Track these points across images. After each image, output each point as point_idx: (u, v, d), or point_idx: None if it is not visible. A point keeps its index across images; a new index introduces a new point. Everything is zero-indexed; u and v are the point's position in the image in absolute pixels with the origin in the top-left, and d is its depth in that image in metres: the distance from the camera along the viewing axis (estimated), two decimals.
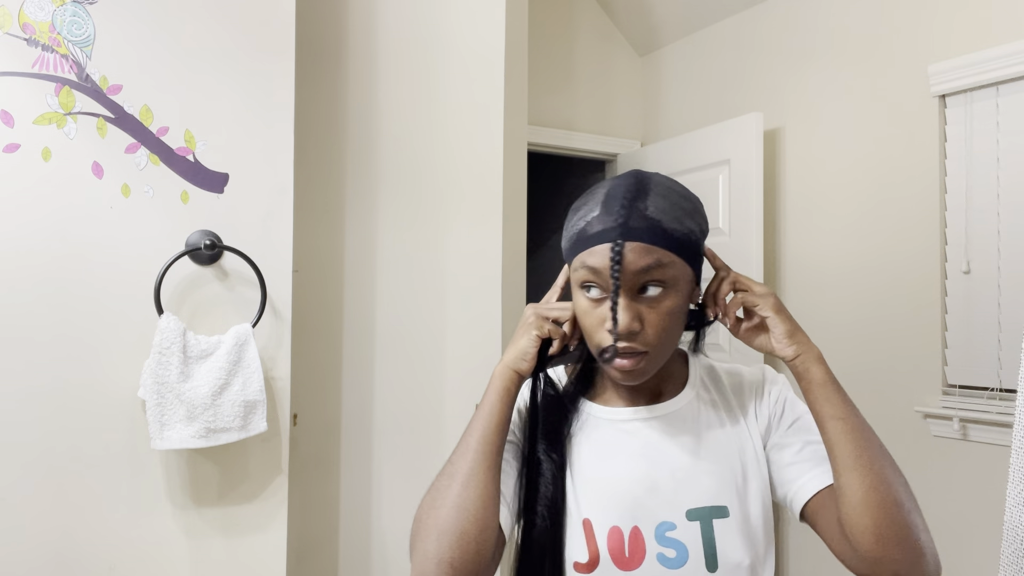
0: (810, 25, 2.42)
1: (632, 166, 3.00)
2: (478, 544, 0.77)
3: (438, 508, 0.79)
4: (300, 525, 1.64)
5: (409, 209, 1.78)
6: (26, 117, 1.24)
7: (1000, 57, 1.88)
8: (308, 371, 1.66)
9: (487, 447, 0.80)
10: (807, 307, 2.41)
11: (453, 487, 0.79)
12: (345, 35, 1.73)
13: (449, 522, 0.77)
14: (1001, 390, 1.91)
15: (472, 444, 0.81)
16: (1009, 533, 0.70)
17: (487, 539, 0.77)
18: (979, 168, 1.97)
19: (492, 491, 0.79)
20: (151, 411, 1.25)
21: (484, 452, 0.80)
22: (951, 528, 1.97)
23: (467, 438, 0.82)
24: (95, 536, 1.28)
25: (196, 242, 1.34)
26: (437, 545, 0.76)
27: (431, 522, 0.78)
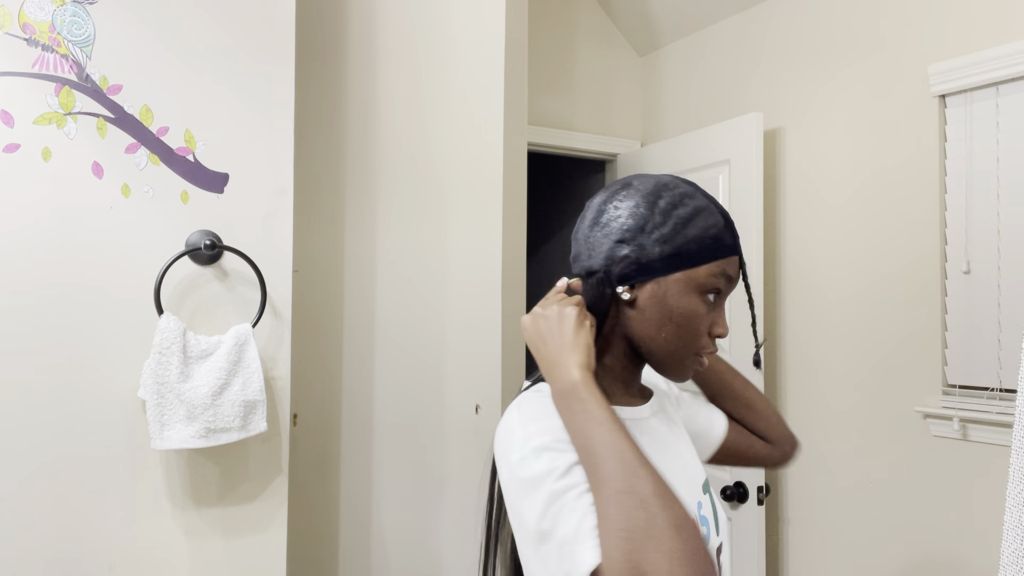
0: (810, 25, 2.42)
1: (632, 166, 3.00)
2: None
3: (659, 539, 0.68)
4: (300, 525, 1.64)
5: (409, 209, 1.78)
6: (26, 117, 1.24)
7: (1000, 57, 1.88)
8: (308, 371, 1.66)
9: (643, 456, 0.74)
10: (807, 307, 2.41)
11: (659, 512, 0.69)
12: (345, 35, 1.73)
13: (681, 546, 0.69)
14: (1001, 390, 1.91)
15: (632, 460, 0.72)
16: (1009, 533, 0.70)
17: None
18: (979, 168, 1.97)
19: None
20: (151, 411, 1.25)
21: (646, 462, 0.74)
22: (951, 528, 1.97)
23: (619, 457, 0.73)
24: (95, 536, 1.28)
25: (196, 242, 1.34)
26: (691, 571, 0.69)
27: (662, 558, 0.67)
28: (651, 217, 0.85)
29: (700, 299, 0.85)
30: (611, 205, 0.88)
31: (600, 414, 0.76)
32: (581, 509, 0.73)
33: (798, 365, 2.42)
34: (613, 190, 0.90)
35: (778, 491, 2.46)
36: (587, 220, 0.90)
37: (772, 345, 2.50)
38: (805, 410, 2.39)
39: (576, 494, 0.74)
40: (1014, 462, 0.70)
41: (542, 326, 0.84)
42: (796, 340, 2.44)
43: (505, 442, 0.81)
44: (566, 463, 0.76)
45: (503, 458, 0.80)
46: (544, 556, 0.74)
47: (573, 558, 0.70)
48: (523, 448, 0.78)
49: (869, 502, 2.18)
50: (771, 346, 2.50)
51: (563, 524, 0.72)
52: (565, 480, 0.74)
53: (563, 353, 0.81)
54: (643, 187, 0.88)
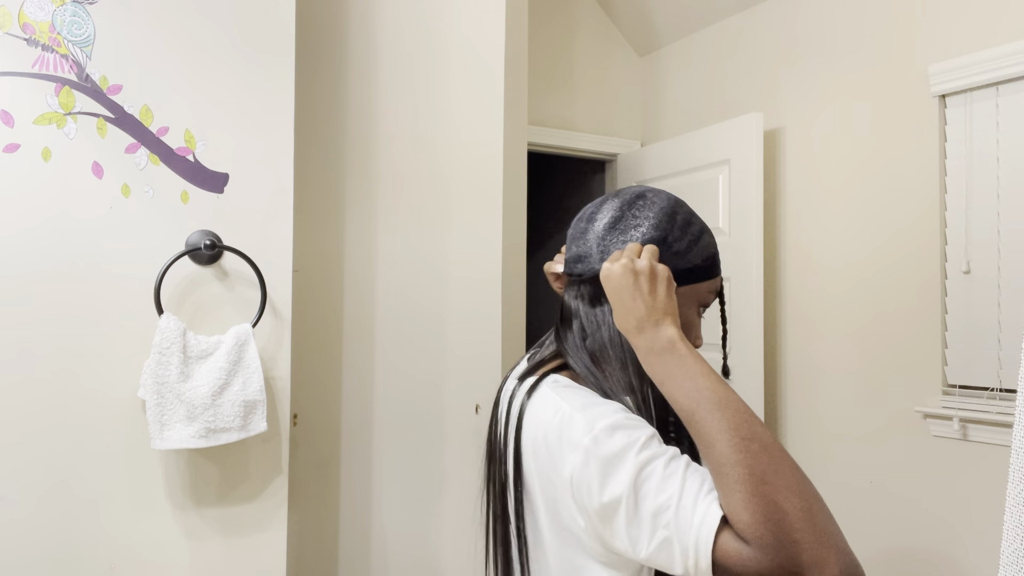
0: (810, 25, 2.42)
1: (632, 166, 3.00)
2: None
3: (790, 480, 0.71)
4: (300, 525, 1.64)
5: (409, 209, 1.78)
6: (26, 117, 1.24)
7: (1000, 57, 1.88)
8: (308, 371, 1.66)
9: (750, 408, 0.77)
10: (807, 307, 2.40)
11: (782, 457, 0.72)
12: (345, 35, 1.73)
13: (809, 487, 0.72)
14: (1001, 390, 1.91)
15: (746, 410, 0.75)
16: (1009, 533, 0.70)
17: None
18: (979, 168, 1.97)
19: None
20: (151, 411, 1.25)
21: (755, 413, 0.76)
22: (951, 528, 1.97)
23: (735, 407, 0.75)
24: (95, 536, 1.28)
25: (196, 242, 1.34)
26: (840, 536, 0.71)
27: (796, 497, 0.70)
28: (671, 231, 0.89)
29: (695, 311, 0.91)
30: (630, 213, 0.90)
31: (704, 368, 0.78)
32: (677, 476, 0.73)
33: (798, 365, 2.42)
34: (627, 199, 0.92)
35: None
36: (600, 223, 0.91)
37: (772, 345, 2.50)
38: (805, 410, 2.39)
39: (663, 462, 0.75)
40: (1014, 462, 0.70)
41: (631, 280, 0.83)
42: (796, 340, 2.43)
43: (565, 429, 0.81)
44: (644, 436, 0.77)
45: (568, 445, 0.79)
46: (637, 531, 0.74)
47: (693, 518, 0.71)
48: (592, 430, 0.78)
49: (869, 502, 2.18)
50: (771, 346, 2.50)
51: (661, 493, 0.73)
52: (647, 452, 0.75)
53: (656, 312, 0.82)
54: (659, 201, 0.91)
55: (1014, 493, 0.70)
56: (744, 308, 2.38)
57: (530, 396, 0.89)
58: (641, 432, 0.77)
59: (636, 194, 0.92)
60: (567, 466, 0.79)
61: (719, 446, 0.72)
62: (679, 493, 0.72)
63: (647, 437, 0.77)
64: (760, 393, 2.35)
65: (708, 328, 2.02)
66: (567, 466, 0.79)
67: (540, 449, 0.84)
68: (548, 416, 0.84)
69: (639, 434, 0.77)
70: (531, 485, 0.87)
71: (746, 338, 2.37)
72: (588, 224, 0.92)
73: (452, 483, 1.79)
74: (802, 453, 2.39)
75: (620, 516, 0.74)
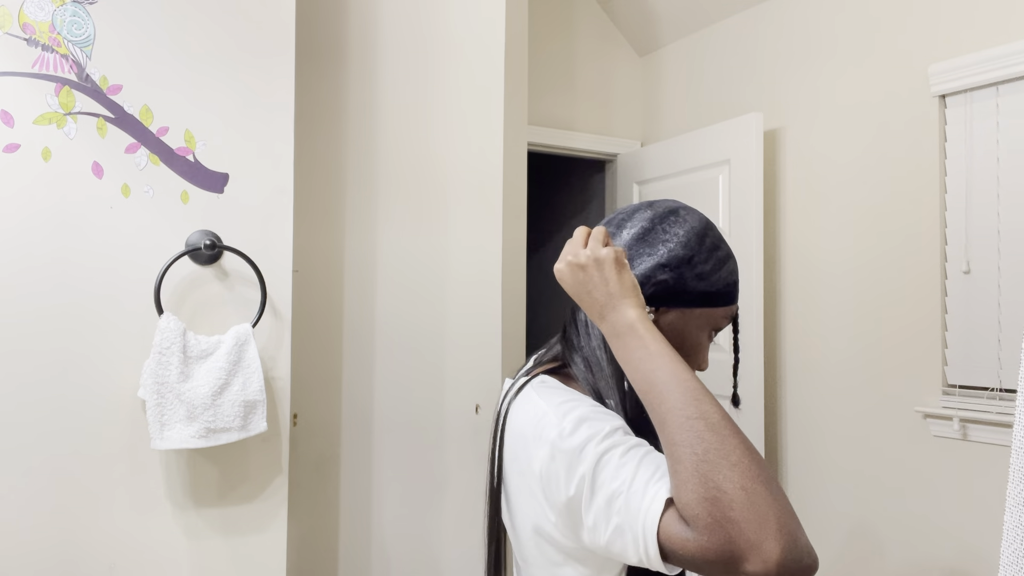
0: (810, 25, 2.42)
1: (632, 166, 3.00)
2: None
3: (733, 459, 0.69)
4: (300, 525, 1.64)
5: (409, 209, 1.78)
6: (26, 117, 1.24)
7: (1000, 57, 1.88)
8: (308, 371, 1.66)
9: (704, 385, 0.75)
10: (807, 307, 2.41)
11: (729, 435, 0.70)
12: (345, 35, 1.73)
13: (754, 465, 0.69)
14: (1001, 390, 1.91)
15: (696, 388, 0.74)
16: (1009, 533, 0.70)
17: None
18: (979, 168, 1.97)
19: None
20: (151, 411, 1.25)
21: (708, 391, 0.74)
22: (951, 528, 1.97)
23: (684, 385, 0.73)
24: (95, 536, 1.28)
25: (196, 242, 1.34)
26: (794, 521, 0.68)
27: (737, 475, 0.68)
28: (699, 252, 0.88)
29: (707, 335, 0.91)
30: (660, 227, 0.90)
31: (660, 348, 0.77)
32: (632, 463, 0.73)
33: (798, 365, 2.42)
34: (660, 212, 0.91)
35: None
36: (629, 232, 0.90)
37: (772, 345, 2.50)
38: (805, 410, 2.39)
39: (621, 451, 0.74)
40: (1014, 462, 0.70)
41: (580, 275, 0.83)
42: (796, 340, 2.43)
43: (538, 426, 0.82)
44: (608, 427, 0.77)
45: (538, 441, 0.81)
46: (593, 520, 0.74)
47: (642, 502, 0.70)
48: (560, 424, 0.79)
49: (869, 502, 2.18)
50: (771, 346, 2.50)
51: (615, 479, 0.73)
52: (607, 441, 0.75)
53: (613, 297, 0.82)
54: (691, 219, 0.91)
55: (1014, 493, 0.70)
56: (744, 308, 2.38)
57: (515, 397, 0.90)
58: (606, 423, 0.78)
59: (670, 209, 0.92)
60: (536, 461, 0.80)
61: (668, 426, 0.72)
62: (631, 479, 0.72)
63: (611, 428, 0.77)
64: (760, 393, 2.35)
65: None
66: (536, 461, 0.80)
67: (518, 448, 0.86)
68: (526, 416, 0.85)
69: (602, 425, 0.77)
70: (511, 484, 0.89)
71: (746, 338, 2.37)
72: (617, 230, 0.92)
73: (452, 483, 1.79)
74: (802, 453, 2.39)
75: (581, 506, 0.75)
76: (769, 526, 0.65)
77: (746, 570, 0.65)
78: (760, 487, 0.67)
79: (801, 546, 0.66)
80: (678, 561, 0.69)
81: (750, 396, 2.35)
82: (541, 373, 0.92)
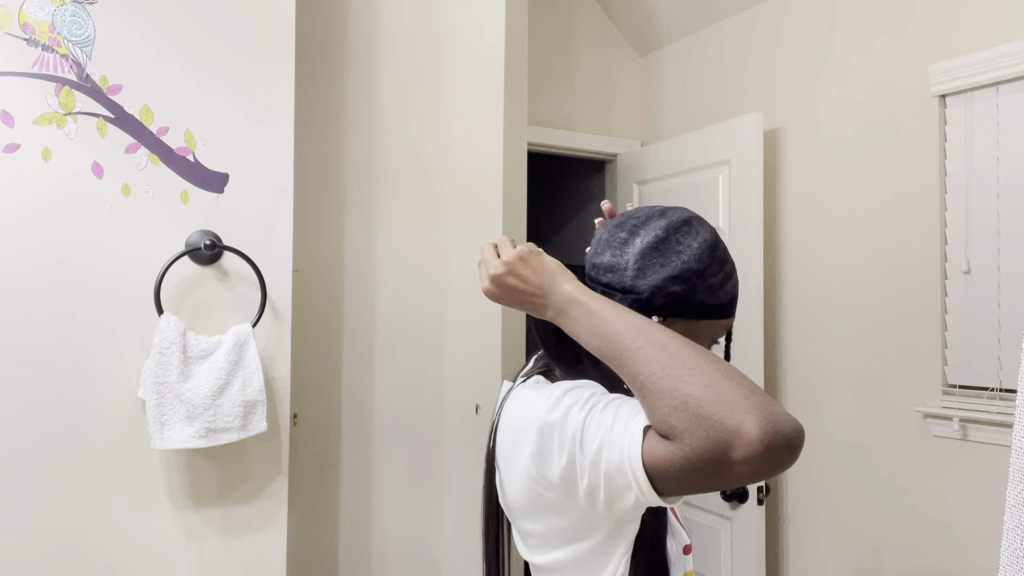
0: (810, 25, 2.42)
1: (632, 166, 3.00)
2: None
3: (690, 365, 0.70)
4: (300, 525, 1.64)
5: (409, 209, 1.78)
6: (26, 117, 1.24)
7: (1000, 57, 1.88)
8: (308, 371, 1.66)
9: (649, 320, 0.78)
10: (807, 307, 2.41)
11: (680, 347, 0.72)
12: (345, 35, 1.73)
13: (711, 365, 0.70)
14: (1001, 390, 1.91)
15: (640, 321, 0.76)
16: (1009, 533, 0.70)
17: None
18: (979, 168, 1.97)
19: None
20: (151, 411, 1.25)
21: (653, 323, 0.77)
22: (951, 528, 1.97)
23: (628, 323, 0.76)
24: (95, 536, 1.28)
25: (196, 242, 1.34)
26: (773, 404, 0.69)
27: (699, 378, 0.69)
28: (711, 265, 0.90)
29: (706, 344, 0.92)
30: (675, 238, 0.90)
31: (601, 305, 0.79)
32: (609, 414, 0.75)
33: (798, 365, 2.42)
34: (675, 222, 0.91)
35: (778, 491, 2.46)
36: (643, 241, 0.90)
37: (772, 345, 2.50)
38: (805, 410, 2.39)
39: (600, 407, 0.76)
40: (1014, 462, 0.70)
41: (509, 281, 0.85)
42: (796, 340, 2.44)
43: (528, 413, 0.83)
44: (588, 393, 0.79)
45: (528, 424, 0.82)
46: (589, 478, 0.75)
47: (622, 438, 0.72)
48: (546, 402, 0.80)
49: (869, 502, 2.18)
50: (771, 346, 2.50)
51: (597, 432, 0.74)
52: (588, 404, 0.77)
53: (543, 283, 0.83)
54: (704, 232, 0.92)
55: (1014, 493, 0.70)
56: (744, 308, 2.38)
57: (508, 396, 0.92)
58: (585, 390, 0.80)
59: (683, 219, 0.92)
60: (529, 442, 0.81)
61: (625, 364, 0.74)
62: (610, 424, 0.74)
63: (590, 393, 0.79)
64: None
65: None
66: (529, 442, 0.81)
67: (510, 439, 0.87)
68: (517, 409, 0.87)
69: (582, 392, 0.79)
70: (506, 478, 0.90)
71: (746, 338, 2.37)
72: (630, 236, 0.91)
73: (452, 483, 1.79)
74: (802, 453, 2.39)
75: (576, 471, 0.76)
76: (740, 409, 0.66)
77: (734, 459, 0.65)
78: (722, 378, 0.68)
79: (779, 417, 0.66)
80: (670, 483, 0.70)
81: None
82: (536, 374, 0.94)
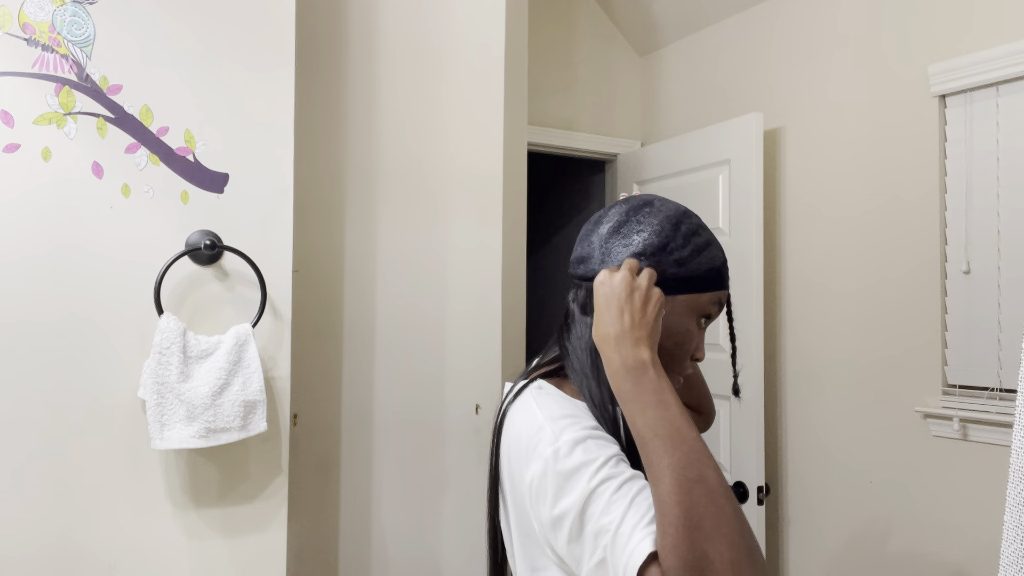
0: (810, 25, 2.42)
1: (632, 166, 3.00)
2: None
3: (726, 530, 0.69)
4: (300, 525, 1.64)
5: (409, 209, 1.78)
6: (26, 117, 1.24)
7: (1000, 57, 1.88)
8: (308, 371, 1.66)
9: (707, 448, 0.76)
10: (807, 307, 2.41)
11: (726, 504, 0.71)
12: (345, 35, 1.73)
13: (745, 540, 0.70)
14: (1001, 390, 1.91)
15: (702, 449, 0.74)
16: (1009, 533, 0.70)
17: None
18: (979, 168, 1.97)
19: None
20: (151, 411, 1.25)
21: (711, 454, 0.75)
22: (951, 528, 1.97)
23: (690, 444, 0.74)
24: (95, 536, 1.28)
25: (196, 242, 1.34)
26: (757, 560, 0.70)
27: (727, 549, 0.69)
28: (674, 239, 0.89)
29: (695, 322, 0.90)
30: (634, 219, 0.90)
31: (672, 398, 0.77)
32: (624, 501, 0.73)
33: (798, 365, 2.42)
34: (635, 204, 0.92)
35: (778, 491, 2.46)
36: (605, 227, 0.91)
37: (772, 345, 2.50)
38: (805, 410, 2.39)
39: (615, 485, 0.74)
40: (1014, 462, 0.70)
41: (625, 293, 0.82)
42: (796, 340, 2.44)
43: (533, 439, 0.82)
44: (603, 456, 0.76)
45: (532, 454, 0.81)
46: (579, 549, 0.74)
47: (626, 548, 0.70)
48: (555, 442, 0.78)
49: (869, 502, 2.18)
50: (771, 346, 2.50)
51: (605, 515, 0.73)
52: (602, 473, 0.75)
53: (638, 329, 0.80)
54: (666, 209, 0.91)
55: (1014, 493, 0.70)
56: (744, 308, 2.38)
57: (513, 401, 0.91)
58: (603, 452, 0.77)
59: (644, 201, 0.93)
60: (529, 473, 0.81)
61: (664, 483, 0.71)
62: (621, 519, 0.72)
63: (607, 457, 0.76)
64: (760, 393, 2.35)
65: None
66: (529, 473, 0.81)
67: (512, 453, 0.86)
68: (522, 423, 0.86)
69: (600, 453, 0.77)
70: (505, 486, 0.90)
71: (746, 338, 2.37)
72: (594, 227, 0.93)
73: (452, 483, 1.79)
74: (802, 453, 2.39)
75: (565, 531, 0.75)
76: None
77: None
78: (746, 562, 0.67)
79: None
80: None
81: (750, 396, 2.35)
82: (539, 376, 0.93)
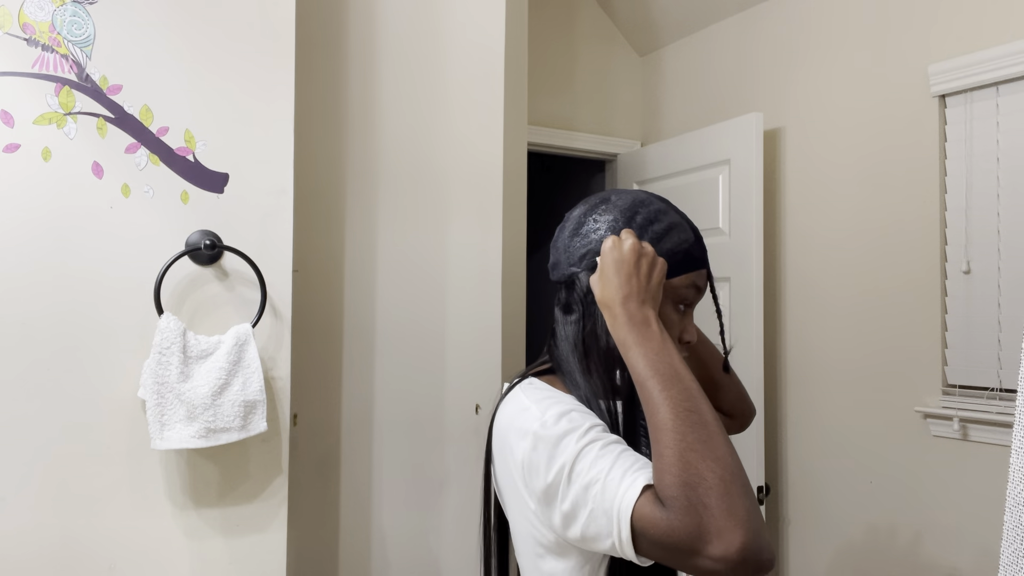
0: (810, 25, 2.42)
1: (632, 166, 3.00)
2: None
3: (716, 451, 0.73)
4: (300, 525, 1.64)
5: (409, 209, 1.78)
6: (26, 117, 1.24)
7: (1000, 57, 1.88)
8: (308, 371, 1.66)
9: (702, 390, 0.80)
10: (807, 307, 2.41)
11: (716, 432, 0.75)
12: (345, 35, 1.73)
13: (733, 460, 0.74)
14: (1001, 390, 1.91)
15: (696, 389, 0.78)
16: (1009, 533, 0.70)
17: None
18: (979, 168, 1.97)
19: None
20: (151, 411, 1.25)
21: (705, 396, 0.79)
22: (951, 528, 1.97)
23: (685, 382, 0.78)
24: (95, 536, 1.28)
25: (196, 242, 1.34)
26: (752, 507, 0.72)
27: (717, 465, 0.72)
28: (630, 229, 0.91)
29: (672, 308, 0.92)
30: (591, 218, 0.93)
31: (672, 348, 0.82)
32: (610, 456, 0.77)
33: (798, 365, 2.42)
34: (592, 204, 0.95)
35: (778, 491, 2.46)
36: (567, 231, 0.95)
37: (772, 345, 2.50)
38: (805, 410, 2.39)
39: (600, 445, 0.78)
40: (1014, 462, 0.70)
41: (634, 259, 0.86)
42: (796, 340, 2.44)
43: (519, 420, 0.85)
44: (587, 424, 0.81)
45: (519, 434, 0.84)
46: (571, 507, 0.77)
47: (619, 489, 0.74)
48: (542, 417, 0.82)
49: (869, 502, 2.18)
50: (771, 346, 2.50)
51: (592, 468, 0.76)
52: (588, 436, 0.79)
53: (644, 292, 0.85)
54: (621, 203, 0.93)
55: (1014, 493, 0.70)
56: (744, 308, 2.38)
57: (504, 397, 0.94)
58: (587, 421, 0.82)
59: (601, 199, 0.95)
60: (519, 451, 0.83)
61: (661, 412, 0.76)
62: (609, 468, 0.76)
63: (590, 425, 0.81)
64: (760, 393, 2.35)
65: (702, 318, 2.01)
66: (519, 451, 0.83)
67: (502, 442, 0.89)
68: (510, 410, 0.89)
69: (583, 421, 0.81)
70: (500, 480, 0.92)
71: (746, 338, 2.37)
72: (559, 232, 0.97)
73: (452, 483, 1.79)
74: (802, 453, 2.39)
75: (559, 494, 0.78)
76: (738, 516, 0.69)
77: (709, 552, 0.69)
78: (737, 483, 0.72)
79: (762, 541, 0.70)
80: (647, 543, 0.72)
81: (750, 396, 2.35)
82: (531, 375, 0.95)
